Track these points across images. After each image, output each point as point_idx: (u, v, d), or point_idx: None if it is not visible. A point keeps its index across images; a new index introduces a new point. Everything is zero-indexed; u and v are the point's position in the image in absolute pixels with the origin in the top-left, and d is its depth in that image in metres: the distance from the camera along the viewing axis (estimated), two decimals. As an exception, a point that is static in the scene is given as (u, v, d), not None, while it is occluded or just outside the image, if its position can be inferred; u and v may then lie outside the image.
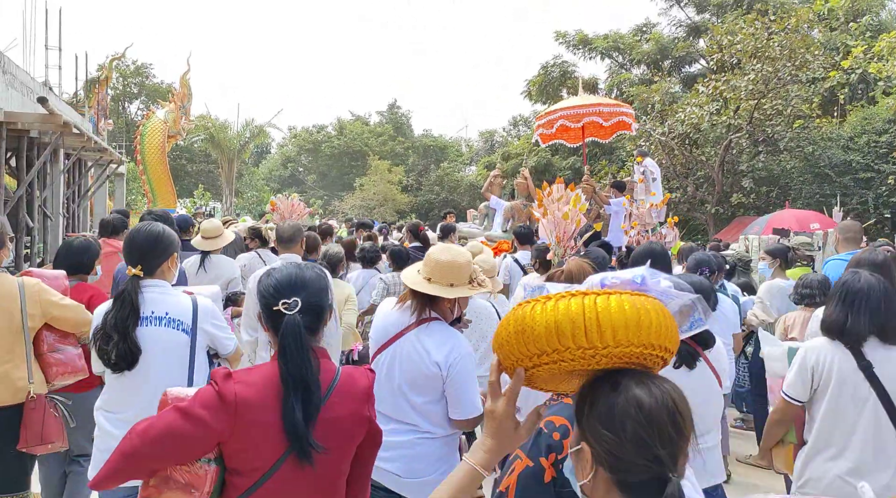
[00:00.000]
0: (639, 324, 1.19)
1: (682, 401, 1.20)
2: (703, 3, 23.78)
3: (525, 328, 1.23)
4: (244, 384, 1.78)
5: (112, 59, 23.60)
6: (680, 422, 1.17)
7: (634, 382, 1.19)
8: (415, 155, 40.45)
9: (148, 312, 2.66)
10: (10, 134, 9.79)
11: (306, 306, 1.86)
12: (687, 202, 18.74)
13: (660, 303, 1.26)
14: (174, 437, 1.72)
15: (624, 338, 1.18)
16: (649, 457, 1.14)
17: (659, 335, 1.21)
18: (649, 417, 1.15)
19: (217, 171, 37.70)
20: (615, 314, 1.18)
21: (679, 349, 2.66)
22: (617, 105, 10.81)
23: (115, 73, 33.54)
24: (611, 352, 1.19)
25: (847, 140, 16.83)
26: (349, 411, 1.88)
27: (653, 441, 1.14)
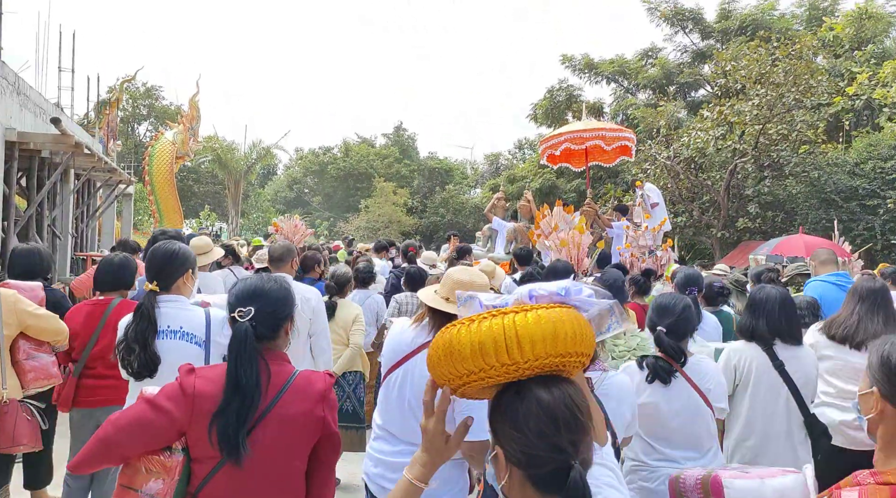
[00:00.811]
0: (555, 336, 1.29)
1: (580, 397, 1.32)
2: (707, 29, 24.00)
3: (453, 350, 1.32)
4: (203, 379, 1.98)
5: (123, 81, 23.86)
6: (577, 414, 1.28)
7: (536, 385, 1.31)
8: (420, 177, 40.61)
9: (164, 326, 2.83)
10: (21, 154, 9.88)
11: (260, 315, 2.03)
12: (692, 226, 18.75)
13: (576, 312, 1.37)
14: (141, 424, 1.93)
15: (542, 351, 1.29)
16: (552, 448, 1.25)
17: (574, 343, 1.32)
18: (549, 412, 1.27)
19: (223, 192, 37.90)
20: (533, 330, 1.29)
21: (652, 363, 2.92)
22: (619, 130, 10.94)
23: (126, 94, 33.89)
24: (531, 364, 1.30)
25: (853, 166, 16.87)
26: (301, 411, 2.01)
27: (554, 432, 1.25)
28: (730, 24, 23.01)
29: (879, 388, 1.43)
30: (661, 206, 9.67)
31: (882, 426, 1.45)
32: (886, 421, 1.44)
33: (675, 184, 18.34)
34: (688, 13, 23.88)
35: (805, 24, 22.75)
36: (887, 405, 1.43)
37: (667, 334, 2.93)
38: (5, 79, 8.98)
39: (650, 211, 9.17)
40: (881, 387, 1.43)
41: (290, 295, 2.19)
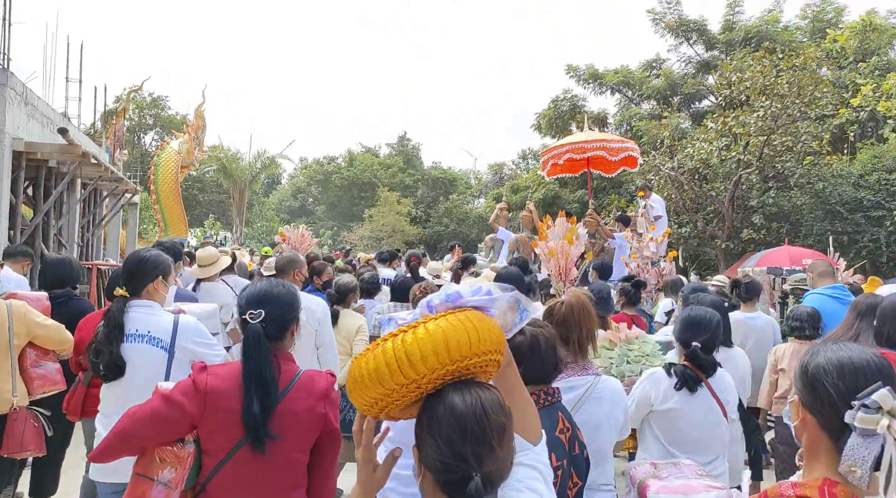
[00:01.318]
0: (447, 345, 1.30)
1: (494, 406, 1.31)
2: (711, 40, 24.05)
3: (356, 380, 1.36)
4: (215, 376, 2.14)
5: (129, 91, 23.99)
6: (486, 425, 1.28)
7: (454, 391, 1.33)
8: (424, 187, 40.67)
9: (133, 330, 2.96)
10: (29, 163, 9.94)
11: (270, 317, 2.20)
12: (697, 237, 18.71)
13: (475, 313, 1.38)
14: (157, 417, 2.09)
15: (435, 363, 1.30)
16: (457, 457, 1.27)
17: (473, 346, 1.32)
18: (459, 420, 1.29)
19: (228, 202, 38.00)
20: (422, 345, 1.30)
21: (682, 372, 3.00)
22: (622, 141, 10.96)
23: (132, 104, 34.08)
24: (430, 378, 1.31)
25: (857, 177, 16.84)
26: (305, 407, 2.17)
27: (460, 442, 1.27)
28: (734, 36, 23.06)
29: (800, 396, 1.47)
30: (663, 219, 9.72)
31: (805, 435, 1.47)
32: (808, 429, 1.45)
33: (679, 195, 18.32)
34: (692, 24, 23.95)
35: (809, 36, 22.79)
36: (807, 414, 1.45)
37: (701, 349, 3.03)
38: (13, 89, 9.05)
39: (654, 222, 9.21)
40: (801, 395, 1.46)
41: (296, 299, 2.36)
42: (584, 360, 2.82)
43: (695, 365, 3.03)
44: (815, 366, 1.44)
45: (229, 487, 2.12)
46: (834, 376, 1.40)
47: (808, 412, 1.44)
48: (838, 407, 1.37)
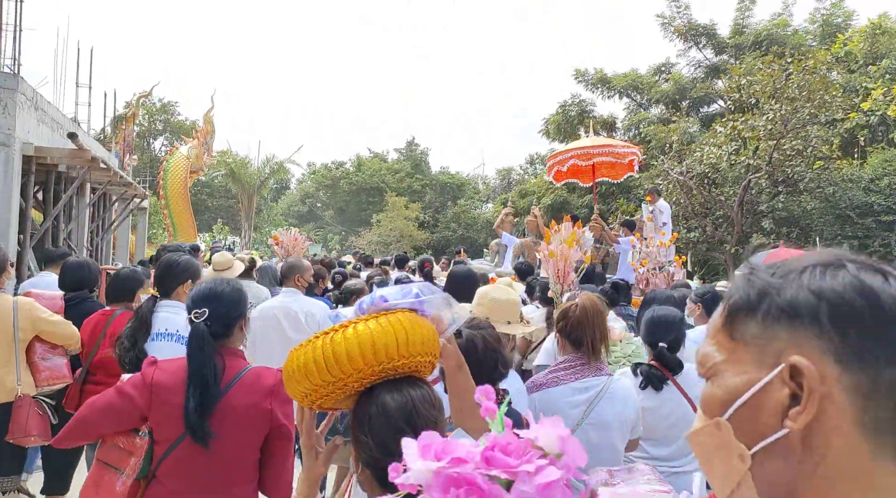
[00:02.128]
0: (374, 347, 1.34)
1: (424, 402, 1.39)
2: (721, 44, 23.97)
3: (288, 374, 1.41)
4: (162, 371, 2.27)
5: (139, 96, 24.17)
6: (415, 421, 1.35)
7: (385, 390, 1.39)
8: (432, 192, 40.69)
9: (162, 329, 3.17)
10: (38, 168, 10.01)
11: (214, 315, 2.29)
12: (706, 242, 18.62)
13: (408, 315, 1.42)
14: (110, 408, 2.25)
15: (361, 363, 1.34)
16: (388, 452, 1.31)
17: (402, 347, 1.37)
18: (390, 418, 1.35)
19: (237, 207, 38.14)
20: (349, 345, 1.35)
21: (647, 371, 3.10)
22: (627, 146, 10.97)
23: (142, 110, 34.29)
24: (356, 377, 1.36)
25: (868, 182, 16.72)
26: (248, 403, 2.24)
27: (390, 438, 1.32)
28: (744, 40, 22.98)
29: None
30: (668, 226, 9.75)
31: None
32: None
33: (687, 199, 18.25)
34: (702, 28, 23.88)
35: (819, 40, 22.69)
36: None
37: (668, 349, 3.16)
38: (23, 94, 9.12)
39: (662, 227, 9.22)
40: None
41: (242, 297, 2.46)
42: (598, 361, 2.91)
43: (661, 364, 3.16)
44: None
45: (176, 475, 2.24)
46: None
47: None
48: None
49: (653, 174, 19.47)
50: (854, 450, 0.67)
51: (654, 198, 10.05)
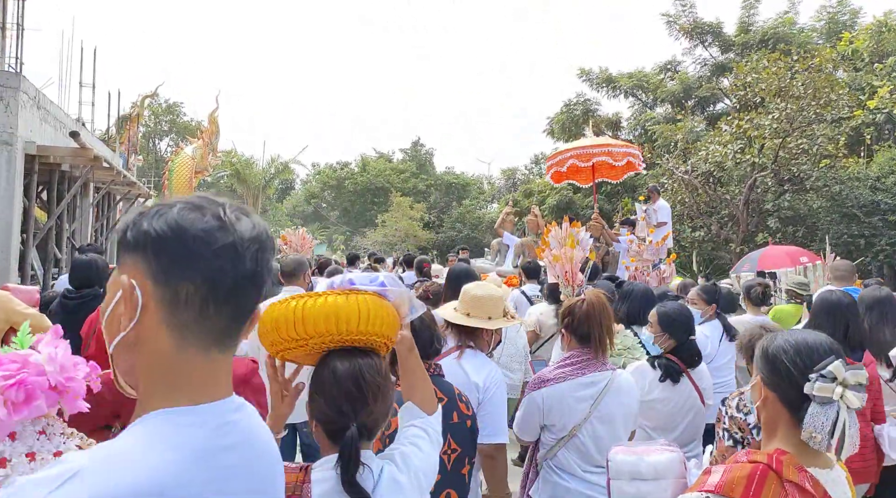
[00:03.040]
0: (336, 317, 1.54)
1: (371, 369, 1.59)
2: (727, 42, 23.87)
3: (262, 323, 1.60)
4: None
5: (144, 97, 24.22)
6: (363, 385, 1.57)
7: (337, 356, 1.60)
8: (437, 192, 40.67)
9: None
10: (41, 167, 10.03)
11: None
12: (711, 241, 18.54)
13: (376, 299, 1.61)
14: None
15: (323, 328, 1.55)
16: (337, 411, 1.56)
17: (361, 323, 1.56)
18: (339, 380, 1.57)
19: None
20: (316, 311, 1.55)
21: (666, 365, 3.24)
22: (626, 145, 10.97)
23: (147, 110, 34.39)
24: (317, 340, 1.57)
25: (874, 180, 16.61)
26: None
27: (339, 398, 1.56)
28: (750, 38, 22.88)
29: (761, 376, 1.66)
30: (668, 225, 9.78)
31: (765, 412, 1.65)
32: (768, 406, 1.63)
33: (692, 198, 18.17)
34: (707, 27, 23.78)
35: (825, 38, 22.57)
36: (768, 392, 1.63)
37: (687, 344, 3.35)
38: (26, 93, 9.13)
39: (654, 226, 9.32)
40: (762, 375, 1.65)
41: None
42: (604, 356, 2.98)
43: (680, 358, 3.26)
44: (774, 347, 1.64)
45: None
46: (791, 354, 1.60)
47: (769, 390, 1.63)
48: (797, 380, 1.56)
49: (658, 173, 19.40)
50: (161, 344, 0.96)
51: (655, 197, 10.06)
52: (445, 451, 2.28)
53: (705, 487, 1.54)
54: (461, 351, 2.89)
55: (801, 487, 1.51)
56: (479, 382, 2.77)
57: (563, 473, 2.89)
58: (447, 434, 2.25)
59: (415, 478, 1.63)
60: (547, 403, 2.90)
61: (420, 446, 1.70)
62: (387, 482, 1.57)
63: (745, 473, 1.52)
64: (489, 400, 2.77)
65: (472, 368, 2.81)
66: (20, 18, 10.00)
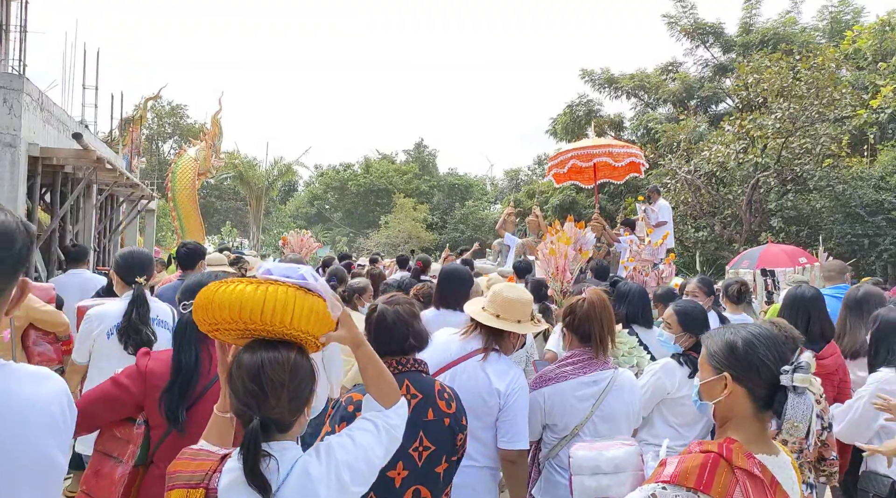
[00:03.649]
0: (241, 306, 1.56)
1: (275, 364, 1.58)
2: (728, 43, 23.84)
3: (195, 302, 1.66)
4: (155, 360, 2.39)
5: (147, 99, 24.27)
6: (263, 380, 1.56)
7: (247, 349, 1.62)
8: (440, 193, 40.67)
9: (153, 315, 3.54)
10: (45, 169, 10.05)
11: None
12: (714, 241, 18.51)
13: (297, 291, 1.60)
14: (106, 398, 2.35)
15: (228, 316, 1.57)
16: (242, 404, 1.58)
17: (266, 315, 1.55)
18: (241, 374, 1.58)
19: (245, 209, 38.27)
20: (224, 298, 1.57)
21: (691, 361, 3.25)
22: (627, 146, 10.97)
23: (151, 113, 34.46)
24: (227, 326, 1.60)
25: (878, 179, 16.55)
26: None
27: (241, 391, 1.58)
28: (751, 38, 22.84)
29: (730, 373, 1.68)
30: (669, 224, 9.80)
31: (723, 406, 1.69)
32: (731, 401, 1.67)
33: (695, 198, 18.15)
34: (709, 27, 23.76)
35: (827, 37, 22.52)
36: (737, 386, 1.67)
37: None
38: (29, 95, 9.16)
39: (653, 226, 9.35)
40: (731, 371, 1.68)
41: None
42: (605, 355, 2.97)
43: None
44: (744, 342, 1.68)
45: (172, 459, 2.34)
46: (764, 348, 1.66)
47: (738, 384, 1.66)
48: (772, 373, 1.63)
49: (661, 173, 19.38)
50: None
51: (655, 197, 10.07)
52: (416, 447, 2.27)
53: (661, 479, 1.61)
54: (486, 353, 2.85)
55: (751, 473, 1.59)
56: (502, 388, 2.74)
57: (566, 473, 2.88)
58: (419, 431, 2.26)
59: (334, 471, 1.61)
60: (549, 402, 2.89)
61: (355, 439, 1.69)
62: (297, 474, 1.57)
63: (698, 462, 1.60)
64: (510, 406, 2.74)
65: (494, 373, 2.78)
66: (23, 21, 10.04)
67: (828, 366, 3.57)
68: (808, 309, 3.69)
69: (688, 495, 1.58)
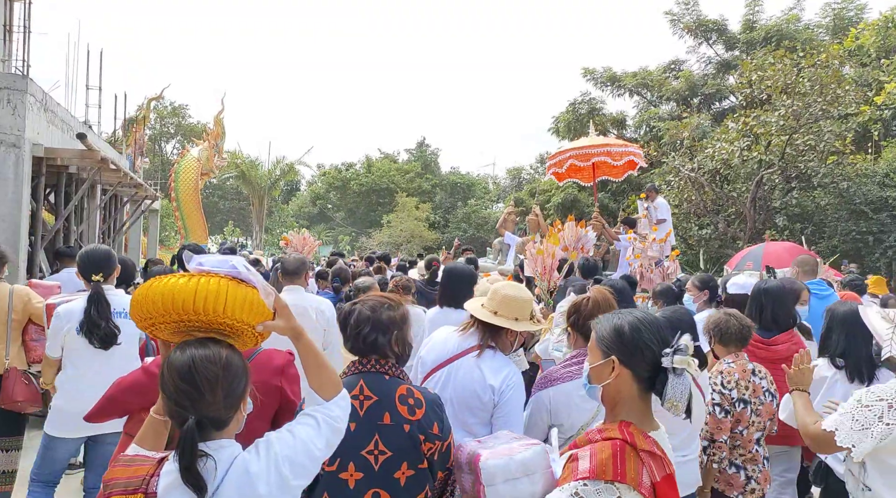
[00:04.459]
0: (173, 298, 1.57)
1: (205, 361, 1.57)
2: (732, 40, 23.79)
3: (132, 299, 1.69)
4: None
5: (150, 99, 24.27)
6: (195, 377, 1.55)
7: (177, 348, 1.61)
8: (442, 192, 40.65)
9: (115, 308, 3.72)
10: (49, 170, 10.05)
11: None
12: (718, 239, 18.46)
13: (230, 282, 1.62)
14: (137, 385, 2.53)
15: (161, 309, 1.59)
16: (176, 402, 1.56)
17: (199, 303, 1.57)
18: (173, 373, 1.57)
19: (248, 208, 38.28)
20: (156, 291, 1.60)
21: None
22: (625, 145, 11.00)
23: (153, 113, 34.47)
24: (161, 320, 1.61)
25: (882, 176, 16.51)
26: (259, 381, 2.29)
27: (173, 390, 1.56)
28: (754, 35, 22.80)
29: (617, 356, 1.74)
30: (668, 222, 9.83)
31: (613, 390, 1.76)
32: (618, 383, 1.74)
33: (699, 196, 18.10)
34: (711, 24, 23.72)
35: (831, 34, 22.46)
36: (623, 369, 1.73)
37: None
38: (33, 96, 9.15)
39: (655, 224, 9.38)
40: (618, 355, 1.74)
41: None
42: None
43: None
44: (630, 327, 1.75)
45: None
46: (648, 332, 1.74)
47: (624, 367, 1.73)
48: (655, 355, 1.70)
49: (664, 171, 19.34)
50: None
51: (653, 195, 10.11)
52: (371, 450, 2.21)
53: (580, 475, 1.62)
54: (481, 350, 2.86)
55: (652, 452, 1.68)
56: (496, 385, 2.73)
57: None
58: (374, 434, 2.21)
59: (273, 465, 1.62)
60: (554, 402, 2.87)
61: (295, 432, 1.69)
62: (235, 472, 1.57)
63: (609, 452, 1.64)
64: (504, 403, 2.74)
65: (489, 369, 2.79)
66: (27, 21, 10.03)
67: (779, 351, 3.83)
68: (762, 299, 4.01)
69: (607, 488, 1.60)
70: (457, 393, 2.78)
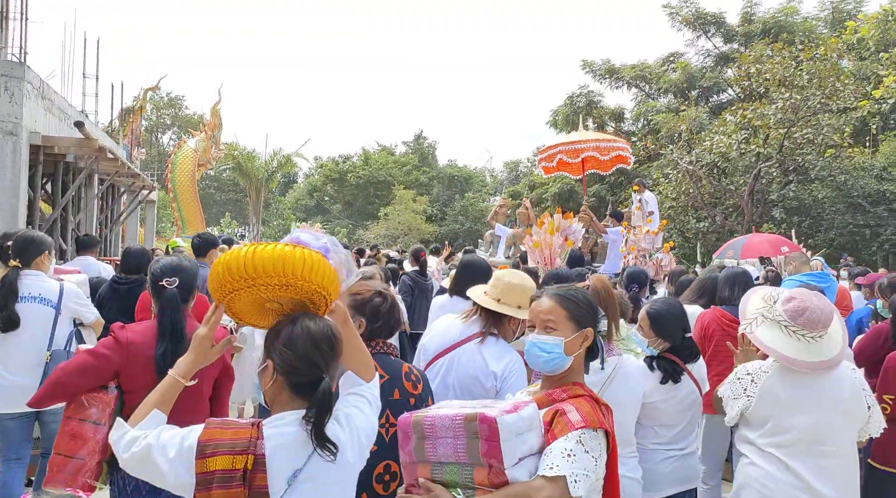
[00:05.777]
0: (284, 262, 1.68)
1: (336, 331, 1.77)
2: (730, 33, 23.77)
3: (213, 268, 1.75)
4: (133, 331, 2.73)
5: (146, 89, 24.14)
6: (333, 342, 1.74)
7: (307, 318, 1.75)
8: (439, 185, 40.61)
9: (26, 293, 3.83)
10: (46, 158, 10.01)
11: (182, 284, 2.82)
12: (715, 232, 18.50)
13: (320, 256, 1.75)
14: (85, 368, 2.62)
15: (272, 270, 1.67)
16: (311, 364, 1.70)
17: (305, 271, 1.69)
18: (312, 337, 1.71)
19: (245, 200, 38.18)
20: (268, 254, 1.68)
21: (665, 367, 3.13)
22: (613, 140, 11.07)
23: (150, 104, 34.33)
24: (263, 281, 1.69)
25: (880, 170, 16.55)
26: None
27: (314, 354, 1.70)
28: (753, 28, 22.78)
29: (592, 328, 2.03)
30: (655, 215, 9.90)
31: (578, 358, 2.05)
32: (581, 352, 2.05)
33: (697, 189, 18.13)
34: (710, 17, 23.69)
35: (829, 27, 22.46)
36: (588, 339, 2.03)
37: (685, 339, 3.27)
38: (30, 83, 9.11)
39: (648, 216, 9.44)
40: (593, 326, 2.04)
41: (198, 272, 3.05)
42: (610, 342, 2.91)
43: (679, 356, 3.15)
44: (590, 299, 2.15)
45: None
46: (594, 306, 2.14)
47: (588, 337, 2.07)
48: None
49: (662, 164, 19.35)
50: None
51: (641, 189, 10.18)
52: (383, 424, 2.31)
53: (577, 425, 1.84)
54: (483, 337, 2.86)
55: (607, 405, 2.01)
56: (498, 371, 2.74)
57: None
58: (386, 409, 2.31)
59: (356, 436, 1.79)
60: None
61: (362, 409, 1.86)
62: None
63: (589, 407, 1.90)
64: (507, 389, 2.73)
65: (491, 355, 2.79)
66: (24, 9, 9.97)
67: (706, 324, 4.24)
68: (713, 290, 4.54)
69: (597, 433, 1.87)
70: (459, 380, 2.79)
